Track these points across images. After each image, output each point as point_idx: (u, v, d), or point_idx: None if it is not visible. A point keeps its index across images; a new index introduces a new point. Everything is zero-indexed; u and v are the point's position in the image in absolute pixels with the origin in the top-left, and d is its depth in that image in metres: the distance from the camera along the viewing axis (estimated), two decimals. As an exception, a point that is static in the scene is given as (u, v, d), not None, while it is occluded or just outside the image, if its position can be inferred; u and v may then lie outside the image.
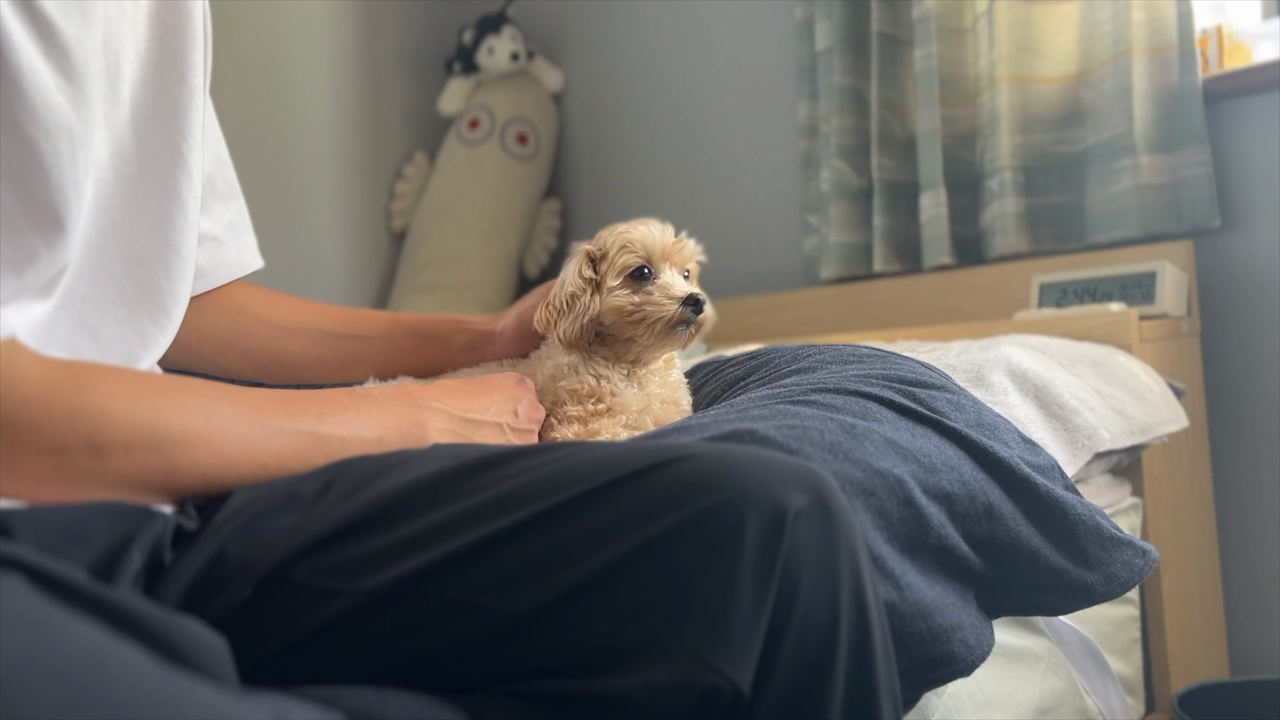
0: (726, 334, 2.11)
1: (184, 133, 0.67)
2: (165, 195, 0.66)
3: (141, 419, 0.53)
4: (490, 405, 0.74)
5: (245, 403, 0.58)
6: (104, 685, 0.34)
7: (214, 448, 0.55)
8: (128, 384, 0.54)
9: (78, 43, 0.55)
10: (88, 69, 0.56)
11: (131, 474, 0.53)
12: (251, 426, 0.57)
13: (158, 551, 0.54)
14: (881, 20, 1.90)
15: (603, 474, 0.50)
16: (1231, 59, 1.62)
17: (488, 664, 0.49)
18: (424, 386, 0.72)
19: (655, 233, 0.87)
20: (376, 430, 0.64)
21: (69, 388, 0.51)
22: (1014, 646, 0.97)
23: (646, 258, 0.86)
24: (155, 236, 0.65)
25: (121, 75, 0.63)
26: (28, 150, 0.52)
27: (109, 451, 0.52)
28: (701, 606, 0.46)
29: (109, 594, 0.40)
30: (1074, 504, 0.80)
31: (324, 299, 2.53)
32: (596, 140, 2.69)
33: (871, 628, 0.50)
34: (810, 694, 0.48)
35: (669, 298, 0.84)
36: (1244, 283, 1.55)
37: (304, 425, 0.60)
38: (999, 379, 1.10)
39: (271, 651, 0.51)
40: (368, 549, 0.52)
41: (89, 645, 0.35)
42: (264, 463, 0.58)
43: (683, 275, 0.89)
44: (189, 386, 0.57)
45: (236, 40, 2.32)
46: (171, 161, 0.66)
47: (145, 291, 0.65)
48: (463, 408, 0.71)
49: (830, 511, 0.50)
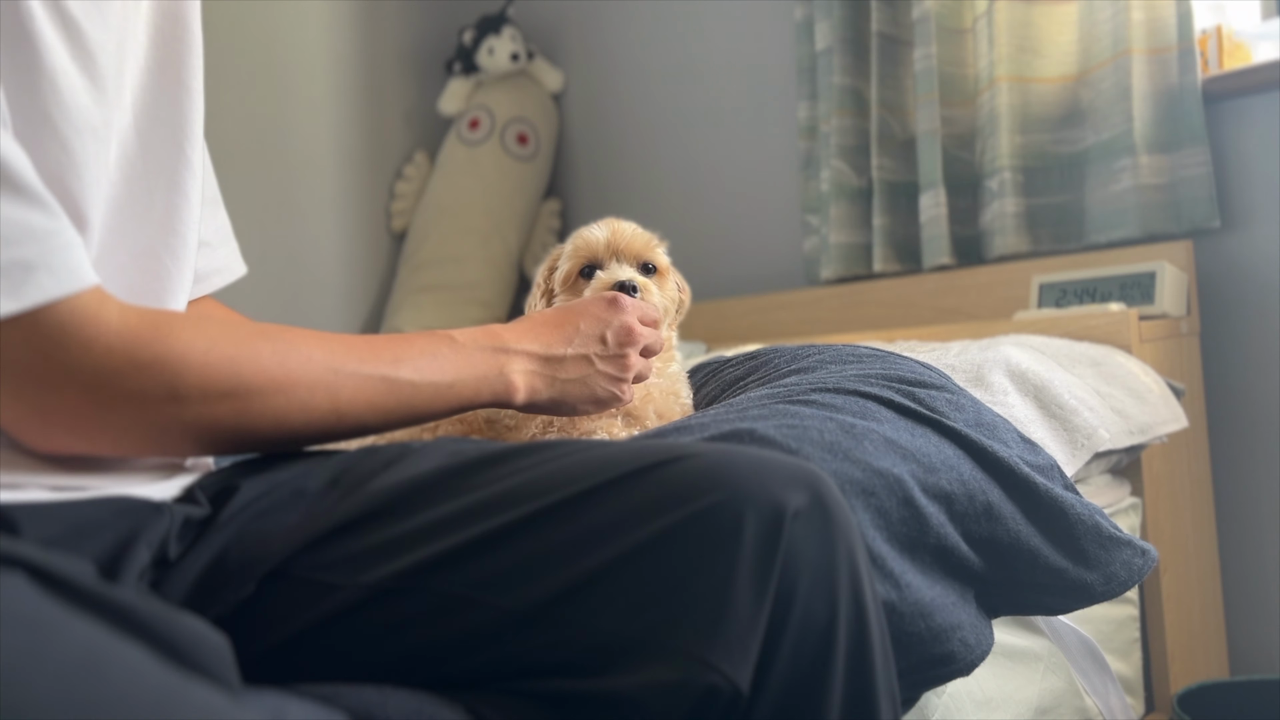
0: (726, 334, 2.11)
1: (186, 134, 0.68)
2: (171, 190, 0.67)
3: (218, 365, 0.54)
4: (575, 336, 0.75)
5: (321, 346, 0.60)
6: (102, 685, 0.34)
7: (287, 393, 0.57)
8: (205, 332, 0.55)
9: (100, 45, 0.56)
10: (107, 70, 0.58)
11: (209, 420, 0.54)
12: (326, 371, 0.59)
13: (164, 546, 0.54)
14: (881, 20, 1.90)
15: (602, 472, 0.51)
16: (1231, 59, 1.62)
17: (487, 660, 0.49)
18: (509, 327, 0.74)
19: (597, 233, 0.91)
20: (450, 375, 0.65)
21: (150, 337, 0.52)
22: (1014, 646, 0.97)
23: (591, 257, 0.90)
24: (162, 229, 0.66)
25: (124, 79, 0.64)
26: (64, 149, 0.54)
27: (187, 399, 0.53)
28: (700, 605, 0.46)
29: (111, 592, 0.40)
30: (1073, 503, 0.80)
31: (324, 299, 2.54)
32: (596, 140, 2.69)
33: (870, 627, 0.50)
34: (808, 693, 0.48)
35: (595, 291, 0.87)
36: (1243, 283, 1.55)
37: (378, 370, 0.61)
38: (998, 379, 1.10)
39: (273, 646, 0.51)
40: (368, 544, 0.52)
41: (89, 644, 0.35)
42: (337, 407, 0.59)
43: (642, 266, 0.90)
44: (265, 333, 0.58)
45: (236, 40, 2.32)
46: (175, 160, 0.67)
47: (154, 280, 0.66)
48: (546, 343, 0.73)
49: (829, 511, 0.50)
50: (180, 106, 0.68)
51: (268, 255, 2.38)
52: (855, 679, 0.49)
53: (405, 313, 2.48)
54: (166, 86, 0.67)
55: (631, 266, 0.90)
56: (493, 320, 2.56)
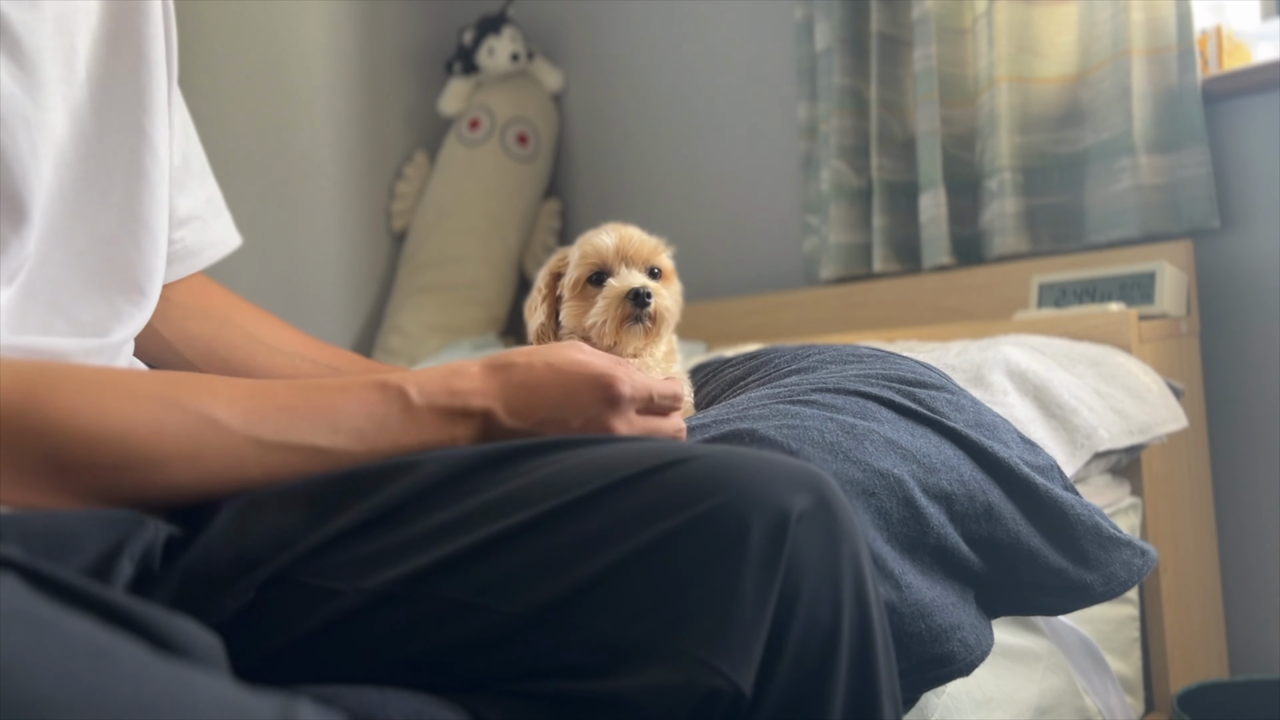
0: (726, 334, 2.11)
1: (147, 110, 0.65)
2: (131, 173, 0.64)
3: (108, 438, 0.48)
4: (548, 411, 0.62)
5: (242, 412, 0.53)
6: (110, 676, 0.33)
7: (196, 465, 0.51)
8: (95, 400, 0.49)
9: (26, 28, 0.54)
10: (39, 54, 0.55)
11: (104, 488, 0.50)
12: (243, 442, 0.52)
13: (149, 560, 0.52)
14: (881, 20, 1.90)
15: (604, 476, 0.50)
16: (1231, 59, 1.62)
17: (489, 664, 0.49)
18: (481, 376, 0.62)
19: (606, 239, 0.90)
20: (395, 443, 0.57)
21: (21, 404, 0.47)
22: (1014, 646, 0.97)
23: (600, 263, 0.90)
24: (123, 214, 0.63)
25: (77, 54, 0.61)
26: None
27: (71, 470, 0.48)
28: (704, 608, 0.46)
29: (104, 592, 0.39)
30: (1073, 504, 0.80)
31: (324, 299, 2.54)
32: (596, 140, 2.69)
33: (873, 629, 0.50)
34: (812, 695, 0.48)
35: (610, 299, 0.87)
36: (1243, 283, 1.55)
37: (307, 439, 0.54)
38: (998, 379, 1.10)
39: (273, 651, 0.51)
40: (369, 549, 0.51)
41: (91, 638, 0.35)
42: (259, 478, 0.54)
43: (649, 271, 0.90)
44: (173, 398, 0.51)
45: (237, 40, 2.32)
46: (135, 139, 0.64)
47: (117, 270, 0.63)
48: (514, 410, 0.61)
49: (833, 513, 0.50)
50: (138, 80, 0.65)
51: (268, 255, 2.38)
52: (859, 681, 0.49)
53: (405, 313, 2.48)
54: (123, 59, 0.64)
55: (641, 271, 0.90)
56: (492, 320, 2.57)
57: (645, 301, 0.85)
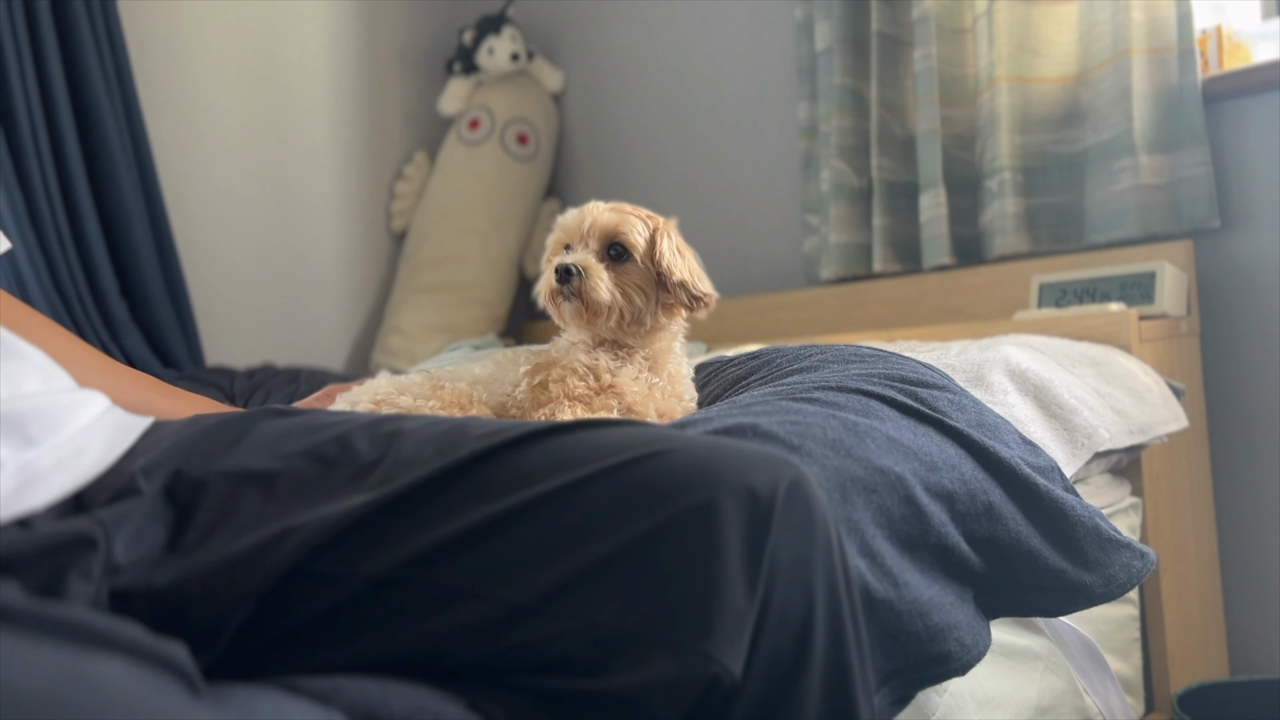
0: (727, 334, 2.11)
1: None
2: None
3: None
4: None
5: None
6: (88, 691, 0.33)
7: None
8: None
9: None
10: None
11: None
12: None
13: (111, 571, 0.50)
14: (881, 20, 1.90)
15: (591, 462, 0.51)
16: (1231, 59, 1.62)
17: (488, 654, 0.49)
18: None
19: (572, 215, 0.92)
20: None
21: None
22: (1014, 646, 0.97)
23: (567, 239, 0.92)
24: None
25: None
26: None
27: None
28: (694, 599, 0.47)
29: (54, 611, 0.38)
30: (1074, 505, 0.80)
31: (324, 299, 2.54)
32: (596, 140, 2.69)
33: (845, 619, 0.51)
34: (786, 684, 0.49)
35: (546, 276, 0.90)
36: (1243, 283, 1.55)
37: None
38: (999, 379, 1.10)
39: (272, 639, 0.51)
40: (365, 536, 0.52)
41: (58, 658, 0.34)
42: None
43: (608, 248, 0.91)
44: None
45: (236, 40, 2.32)
46: None
47: None
48: None
49: (808, 504, 0.51)
50: None
51: (268, 255, 2.38)
52: (832, 669, 0.50)
53: (405, 313, 2.48)
54: None
55: (598, 248, 0.90)
56: (492, 320, 2.57)
57: (566, 278, 0.88)
